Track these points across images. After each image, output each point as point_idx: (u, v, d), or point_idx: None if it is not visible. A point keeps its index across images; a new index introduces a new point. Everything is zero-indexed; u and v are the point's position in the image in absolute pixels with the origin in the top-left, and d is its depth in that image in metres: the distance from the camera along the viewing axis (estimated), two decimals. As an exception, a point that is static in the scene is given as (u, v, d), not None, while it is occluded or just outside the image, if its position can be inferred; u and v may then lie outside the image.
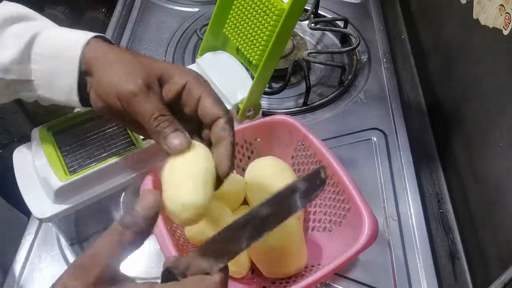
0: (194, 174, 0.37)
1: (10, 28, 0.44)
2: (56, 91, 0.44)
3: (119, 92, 0.39)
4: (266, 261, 0.52)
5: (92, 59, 0.42)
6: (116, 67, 0.40)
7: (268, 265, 0.52)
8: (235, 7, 0.61)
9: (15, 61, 0.43)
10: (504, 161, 0.54)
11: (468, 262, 0.61)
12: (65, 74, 0.43)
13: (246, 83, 0.60)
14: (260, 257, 0.52)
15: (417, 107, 0.80)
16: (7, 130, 1.20)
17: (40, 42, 0.44)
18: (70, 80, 0.43)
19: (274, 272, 0.53)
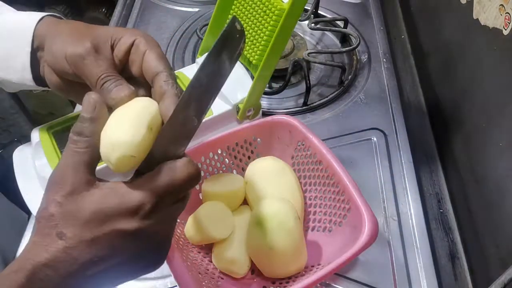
0: (129, 115, 0.35)
1: None
2: (11, 71, 0.45)
3: (67, 55, 0.39)
4: (266, 261, 0.52)
5: (44, 34, 0.42)
6: (65, 35, 0.41)
7: (268, 265, 0.52)
8: (235, 7, 0.61)
9: None
10: (504, 161, 0.54)
11: (468, 262, 0.61)
12: (18, 52, 0.43)
13: (246, 83, 0.60)
14: (260, 257, 0.52)
15: (417, 107, 0.80)
16: (7, 130, 1.20)
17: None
18: (23, 57, 0.43)
19: (274, 272, 0.53)
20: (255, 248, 0.51)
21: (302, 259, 0.52)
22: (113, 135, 0.34)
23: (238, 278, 0.53)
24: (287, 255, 0.50)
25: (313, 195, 0.57)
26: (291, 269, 0.52)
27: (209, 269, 0.53)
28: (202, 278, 0.51)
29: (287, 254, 0.50)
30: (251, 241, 0.52)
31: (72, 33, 0.40)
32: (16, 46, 0.43)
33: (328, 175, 0.53)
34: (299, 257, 0.52)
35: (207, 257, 0.55)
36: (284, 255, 0.50)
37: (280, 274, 0.53)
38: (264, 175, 0.57)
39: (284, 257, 0.50)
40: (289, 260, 0.51)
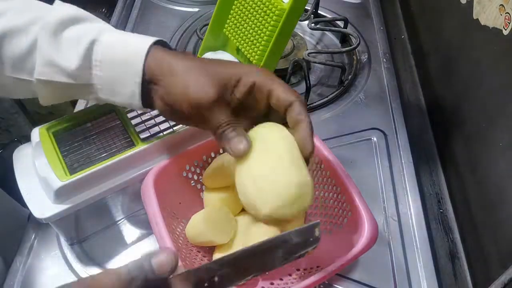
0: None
1: (67, 31, 0.44)
2: (118, 95, 0.45)
3: (192, 102, 0.40)
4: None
5: (156, 68, 0.42)
6: (185, 77, 0.41)
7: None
8: (235, 7, 0.61)
9: (76, 68, 0.43)
10: (504, 161, 0.54)
11: (468, 262, 0.61)
12: (127, 80, 0.43)
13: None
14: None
15: (417, 107, 0.80)
16: (7, 130, 1.20)
17: (100, 48, 0.44)
18: (133, 86, 0.43)
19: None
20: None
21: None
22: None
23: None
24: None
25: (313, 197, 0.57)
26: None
27: (209, 269, 0.53)
28: (202, 278, 0.51)
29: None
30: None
31: (191, 74, 0.41)
32: (123, 73, 0.43)
33: (329, 177, 0.53)
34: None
35: (207, 257, 0.55)
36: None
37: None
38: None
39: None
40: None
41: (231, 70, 0.42)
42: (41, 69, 0.43)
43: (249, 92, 0.41)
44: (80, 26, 0.45)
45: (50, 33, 0.43)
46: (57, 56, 0.43)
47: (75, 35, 0.44)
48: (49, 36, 0.43)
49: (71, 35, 0.44)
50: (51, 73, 0.43)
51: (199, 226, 0.52)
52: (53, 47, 0.43)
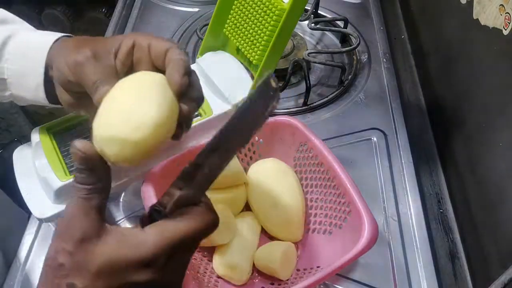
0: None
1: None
2: (25, 88, 0.46)
3: (68, 64, 0.40)
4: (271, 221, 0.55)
5: (53, 53, 0.43)
6: (68, 48, 0.42)
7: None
8: (235, 7, 0.61)
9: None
10: (504, 161, 0.54)
11: (468, 262, 0.61)
12: (33, 72, 0.44)
13: (246, 83, 0.60)
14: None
15: (417, 107, 0.80)
16: (7, 130, 1.20)
17: (13, 43, 0.45)
18: (38, 77, 0.44)
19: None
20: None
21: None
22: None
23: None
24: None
25: (314, 197, 0.57)
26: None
27: (208, 269, 0.53)
28: (201, 278, 0.51)
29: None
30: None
31: (74, 45, 0.41)
32: (31, 65, 0.44)
33: (329, 177, 0.53)
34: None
35: (207, 257, 0.55)
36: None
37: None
38: (266, 177, 0.57)
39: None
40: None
41: (113, 38, 0.41)
42: None
43: (129, 52, 0.40)
44: (1, 26, 0.47)
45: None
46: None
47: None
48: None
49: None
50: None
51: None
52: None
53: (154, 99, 0.32)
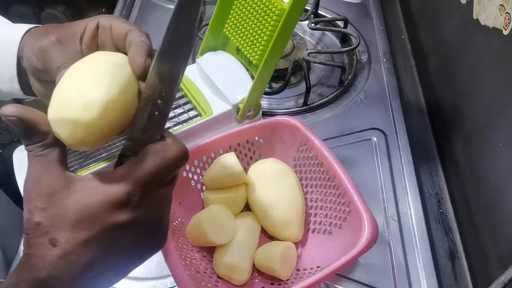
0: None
1: None
2: (1, 81, 0.45)
3: (34, 51, 0.39)
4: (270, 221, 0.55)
5: (24, 44, 0.42)
6: (36, 36, 0.41)
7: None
8: (235, 7, 0.61)
9: None
10: (504, 161, 0.54)
11: (468, 262, 0.61)
12: (6, 64, 0.44)
13: (246, 83, 0.60)
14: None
15: (417, 107, 0.80)
16: (7, 130, 1.20)
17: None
18: (11, 69, 0.43)
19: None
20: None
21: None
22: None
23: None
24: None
25: (314, 197, 0.57)
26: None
27: (208, 269, 0.53)
28: (201, 278, 0.51)
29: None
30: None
31: (41, 32, 0.41)
32: (4, 58, 0.43)
33: (329, 177, 0.53)
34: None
35: (207, 257, 0.55)
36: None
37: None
38: (266, 177, 0.57)
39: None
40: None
41: (80, 21, 0.40)
42: None
43: (94, 34, 0.38)
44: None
45: None
46: None
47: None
48: None
49: None
50: None
51: (199, 227, 0.52)
52: None
53: (105, 79, 0.31)
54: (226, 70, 0.62)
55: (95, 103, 0.30)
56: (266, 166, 0.58)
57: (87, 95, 0.30)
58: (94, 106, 0.30)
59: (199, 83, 0.62)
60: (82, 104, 0.30)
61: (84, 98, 0.30)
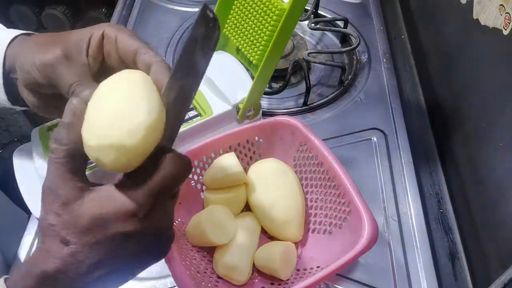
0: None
1: None
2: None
3: (36, 65, 0.37)
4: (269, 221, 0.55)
5: (15, 54, 0.41)
6: (33, 47, 0.39)
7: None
8: (235, 7, 0.61)
9: None
10: (504, 161, 0.54)
11: (468, 262, 0.61)
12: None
13: (246, 83, 0.60)
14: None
15: (417, 107, 0.80)
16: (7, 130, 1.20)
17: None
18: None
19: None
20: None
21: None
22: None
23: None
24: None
25: (314, 197, 0.57)
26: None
27: (208, 269, 0.53)
28: (201, 278, 0.51)
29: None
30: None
31: (40, 43, 0.39)
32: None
33: (329, 177, 0.53)
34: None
35: (207, 257, 0.55)
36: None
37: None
38: (266, 177, 0.57)
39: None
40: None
41: (82, 31, 0.39)
42: None
43: (100, 45, 0.38)
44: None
45: None
46: None
47: None
48: None
49: None
50: None
51: (199, 227, 0.52)
52: None
53: (143, 101, 0.31)
54: (226, 70, 0.62)
55: (139, 128, 0.30)
56: (266, 166, 0.58)
57: (130, 120, 0.30)
58: (138, 131, 0.30)
59: (199, 83, 0.62)
60: (126, 129, 0.30)
61: (127, 123, 0.30)
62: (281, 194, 0.55)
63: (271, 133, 0.59)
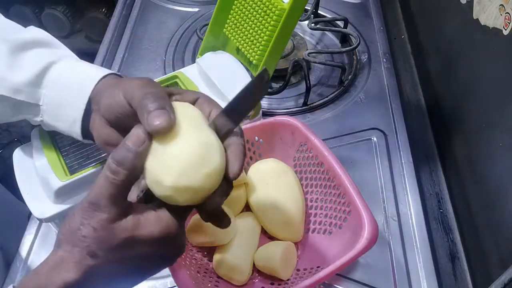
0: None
1: (30, 51, 0.45)
2: (61, 119, 0.45)
3: (126, 90, 0.37)
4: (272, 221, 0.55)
5: (101, 90, 0.42)
6: (125, 82, 0.39)
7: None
8: (235, 7, 0.61)
9: (27, 83, 0.44)
10: (504, 161, 0.54)
11: (468, 262, 0.61)
12: (73, 105, 0.43)
13: (246, 83, 0.60)
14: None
15: (417, 107, 0.80)
16: (7, 130, 1.20)
17: (55, 70, 0.44)
18: (76, 111, 0.43)
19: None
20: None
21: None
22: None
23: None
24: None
25: (314, 197, 0.57)
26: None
27: (208, 268, 0.53)
28: (201, 278, 0.51)
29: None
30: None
31: (132, 80, 0.39)
32: (70, 97, 0.43)
33: (329, 177, 0.53)
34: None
35: (207, 257, 0.55)
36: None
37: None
38: (266, 177, 0.57)
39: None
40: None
41: (175, 88, 0.42)
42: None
43: (192, 103, 0.39)
44: (43, 49, 0.46)
45: (10, 51, 0.44)
46: (9, 73, 0.44)
47: (36, 55, 0.45)
48: (8, 55, 0.44)
49: (30, 55, 0.45)
50: (1, 88, 0.44)
51: (199, 226, 0.52)
52: (7, 65, 0.44)
53: (214, 144, 0.34)
54: (226, 70, 0.62)
55: (215, 173, 0.33)
56: (266, 166, 0.58)
57: (207, 165, 0.33)
58: (214, 175, 0.33)
59: (199, 83, 0.62)
60: (203, 174, 0.33)
61: (205, 169, 0.33)
62: (281, 194, 0.55)
63: (271, 133, 0.59)
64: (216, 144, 0.34)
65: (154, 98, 0.34)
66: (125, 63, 0.82)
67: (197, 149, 0.33)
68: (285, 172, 0.57)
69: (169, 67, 0.81)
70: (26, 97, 0.44)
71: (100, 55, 0.83)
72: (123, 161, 0.32)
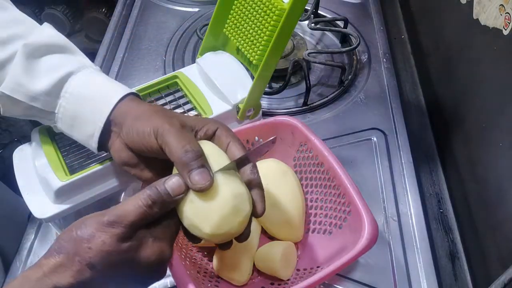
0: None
1: (47, 57, 0.45)
2: (76, 131, 0.45)
3: (155, 128, 0.39)
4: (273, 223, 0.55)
5: (124, 112, 0.43)
6: (151, 114, 0.41)
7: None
8: (235, 7, 0.61)
9: (44, 92, 0.44)
10: (504, 161, 0.54)
11: (468, 262, 0.61)
12: (89, 121, 0.44)
13: (246, 83, 0.60)
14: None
15: (417, 107, 0.80)
16: (7, 130, 1.20)
17: (73, 81, 0.45)
18: (93, 127, 0.44)
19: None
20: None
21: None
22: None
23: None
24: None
25: (314, 197, 0.57)
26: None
27: (208, 269, 0.53)
28: (201, 278, 0.51)
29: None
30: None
31: (159, 112, 0.41)
32: (89, 115, 0.44)
33: (329, 177, 0.53)
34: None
35: (207, 257, 0.55)
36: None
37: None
38: (266, 177, 0.56)
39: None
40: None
41: (195, 118, 0.43)
42: (8, 86, 0.44)
43: (210, 138, 0.42)
44: (60, 55, 0.46)
45: (27, 55, 0.44)
46: (26, 80, 0.44)
47: (53, 63, 0.45)
48: (25, 58, 0.44)
49: (49, 63, 0.45)
50: (17, 93, 0.44)
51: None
52: (24, 70, 0.44)
53: (244, 192, 0.39)
54: (226, 70, 0.62)
55: (247, 218, 0.39)
56: (266, 166, 0.58)
57: (241, 214, 0.38)
58: (246, 220, 0.39)
59: (199, 83, 0.62)
60: (238, 222, 0.38)
61: (239, 218, 0.38)
62: (281, 194, 0.55)
63: (271, 133, 0.59)
64: (245, 192, 0.39)
65: (194, 156, 0.37)
66: (125, 63, 0.82)
67: (231, 201, 0.37)
68: (285, 172, 0.57)
69: (169, 67, 0.81)
70: (42, 105, 0.45)
71: (100, 55, 0.83)
72: (159, 201, 0.36)
